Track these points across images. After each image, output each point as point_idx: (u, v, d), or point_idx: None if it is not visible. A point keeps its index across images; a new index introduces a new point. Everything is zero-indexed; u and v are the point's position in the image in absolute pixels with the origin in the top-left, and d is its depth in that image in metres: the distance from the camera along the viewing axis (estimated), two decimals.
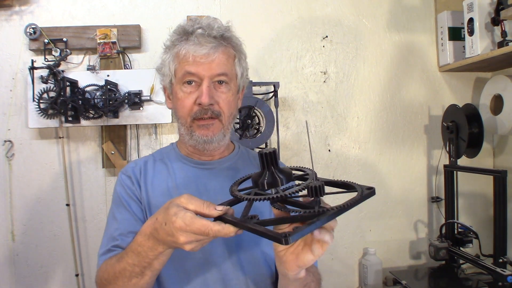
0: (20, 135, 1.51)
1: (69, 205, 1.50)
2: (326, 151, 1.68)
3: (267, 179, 0.60)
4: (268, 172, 0.60)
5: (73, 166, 1.53)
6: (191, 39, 0.85)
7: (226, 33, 0.88)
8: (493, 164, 1.77)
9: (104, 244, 0.84)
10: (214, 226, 0.61)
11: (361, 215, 1.70)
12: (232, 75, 0.89)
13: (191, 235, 0.62)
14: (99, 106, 1.42)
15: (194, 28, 0.86)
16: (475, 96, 1.75)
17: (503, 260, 1.34)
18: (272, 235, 0.55)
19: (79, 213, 1.53)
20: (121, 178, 0.92)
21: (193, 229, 0.61)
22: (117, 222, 0.86)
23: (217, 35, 0.86)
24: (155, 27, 1.56)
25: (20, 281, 1.50)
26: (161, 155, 0.98)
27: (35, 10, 1.51)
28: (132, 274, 0.72)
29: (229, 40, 0.89)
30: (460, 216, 1.65)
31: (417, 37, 1.73)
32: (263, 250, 0.89)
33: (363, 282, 1.65)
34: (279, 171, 0.61)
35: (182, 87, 0.86)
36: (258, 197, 0.59)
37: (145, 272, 0.71)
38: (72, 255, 1.49)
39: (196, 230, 0.61)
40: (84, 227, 1.53)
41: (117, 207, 0.89)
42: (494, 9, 1.45)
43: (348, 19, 1.69)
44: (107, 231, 0.87)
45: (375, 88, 1.71)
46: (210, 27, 0.86)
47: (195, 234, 0.62)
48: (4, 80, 1.50)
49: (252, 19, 1.62)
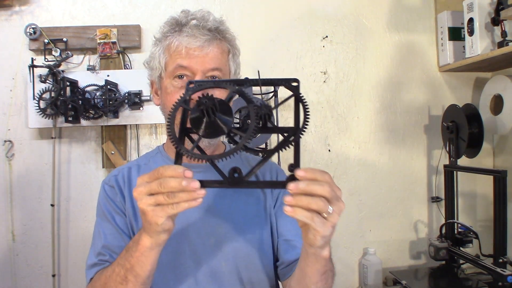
0: (20, 135, 1.51)
1: (53, 205, 1.49)
2: (326, 151, 1.68)
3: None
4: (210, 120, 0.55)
5: (73, 166, 1.53)
6: (185, 30, 0.81)
7: (221, 26, 0.84)
8: (493, 164, 1.77)
9: (91, 257, 0.84)
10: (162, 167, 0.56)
11: (361, 215, 1.70)
12: (226, 70, 0.85)
13: (145, 187, 0.57)
14: (99, 106, 1.42)
15: (188, 19, 0.82)
16: (475, 96, 1.75)
17: (503, 260, 1.34)
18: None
19: (79, 213, 1.53)
20: (104, 189, 0.89)
21: (144, 178, 0.58)
22: (101, 236, 0.84)
23: (212, 27, 0.82)
24: (155, 27, 1.53)
25: (20, 281, 1.50)
26: (147, 159, 0.93)
27: (35, 10, 1.51)
28: (117, 279, 0.69)
29: (224, 33, 0.85)
30: (460, 216, 1.65)
31: (417, 37, 1.73)
32: (252, 237, 0.87)
33: (363, 282, 1.65)
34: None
35: (173, 81, 0.82)
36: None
37: (128, 277, 0.68)
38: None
39: (146, 177, 0.57)
40: (85, 226, 1.53)
41: (102, 220, 0.87)
42: (494, 9, 1.45)
43: (348, 19, 1.69)
44: (93, 245, 0.85)
45: (375, 88, 1.71)
46: (204, 19, 0.82)
47: (148, 183, 0.57)
48: (4, 80, 1.50)
49: (252, 19, 1.62)
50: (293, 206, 0.54)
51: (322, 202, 0.53)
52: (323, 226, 0.55)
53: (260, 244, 0.88)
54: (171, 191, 0.54)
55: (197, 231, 0.85)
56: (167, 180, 0.54)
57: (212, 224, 0.85)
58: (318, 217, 0.54)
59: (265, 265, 0.88)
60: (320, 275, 0.70)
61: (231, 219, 0.87)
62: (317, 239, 0.58)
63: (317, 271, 0.69)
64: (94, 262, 0.82)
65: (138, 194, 0.58)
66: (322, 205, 0.53)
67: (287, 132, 0.60)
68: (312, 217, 0.54)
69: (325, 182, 0.54)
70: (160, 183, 0.55)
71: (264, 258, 0.88)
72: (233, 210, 0.88)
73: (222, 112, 0.55)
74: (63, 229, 1.52)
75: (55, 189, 1.51)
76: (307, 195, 0.53)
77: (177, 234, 0.84)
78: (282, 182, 0.55)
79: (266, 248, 0.89)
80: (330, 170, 1.67)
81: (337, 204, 0.55)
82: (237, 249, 0.85)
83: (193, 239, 0.84)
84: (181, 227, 0.84)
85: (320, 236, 0.57)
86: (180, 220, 0.84)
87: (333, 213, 0.55)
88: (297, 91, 0.60)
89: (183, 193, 0.54)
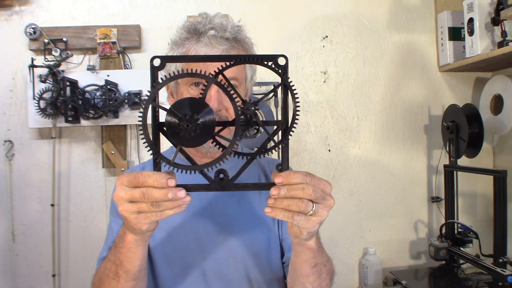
0: (20, 135, 1.51)
1: (53, 205, 1.49)
2: (326, 151, 1.68)
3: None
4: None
5: (73, 166, 1.53)
6: (202, 40, 0.81)
7: (238, 34, 0.85)
8: (493, 164, 1.77)
9: (102, 251, 0.85)
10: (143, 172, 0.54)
11: (361, 215, 1.70)
12: (242, 78, 0.86)
13: (126, 194, 0.55)
14: (99, 106, 1.42)
15: (206, 28, 0.82)
16: (475, 96, 1.75)
17: (503, 260, 1.34)
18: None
19: (79, 213, 1.53)
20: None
21: (123, 181, 0.55)
22: (113, 232, 0.85)
23: (230, 37, 0.82)
24: (155, 27, 1.56)
25: (20, 281, 1.50)
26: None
27: (35, 10, 1.51)
28: (110, 274, 0.70)
29: (242, 42, 0.86)
30: (460, 216, 1.65)
31: (417, 37, 1.73)
32: (260, 235, 0.87)
33: (363, 282, 1.65)
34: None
35: (189, 88, 0.82)
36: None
37: (119, 272, 0.68)
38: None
39: (126, 181, 0.55)
40: (85, 226, 1.53)
41: (114, 217, 0.88)
42: (494, 9, 1.45)
43: (348, 19, 1.69)
44: (106, 241, 0.87)
45: (375, 88, 1.71)
46: (223, 27, 0.82)
47: (128, 187, 0.55)
48: (4, 80, 1.50)
49: (252, 19, 1.62)
50: (273, 208, 0.55)
51: (303, 204, 0.54)
52: (307, 223, 0.56)
53: (268, 242, 0.89)
54: (155, 201, 0.53)
55: (205, 229, 0.85)
56: (151, 191, 0.52)
57: (220, 222, 0.86)
58: (300, 215, 0.55)
59: (273, 263, 0.89)
60: (310, 268, 0.70)
61: (239, 217, 0.88)
62: (302, 233, 0.60)
63: (305, 263, 0.69)
64: (103, 256, 0.83)
65: (118, 200, 0.56)
66: (303, 206, 0.54)
67: (277, 125, 0.55)
68: (292, 216, 0.55)
69: (307, 184, 0.54)
70: (143, 193, 0.53)
71: (272, 257, 0.89)
72: (241, 208, 0.88)
73: (200, 113, 0.49)
74: (63, 229, 1.52)
75: (55, 189, 1.51)
76: (288, 198, 0.54)
77: (185, 231, 0.85)
78: (269, 184, 0.55)
79: (274, 246, 0.89)
80: (330, 170, 1.67)
81: (323, 202, 0.56)
82: (245, 247, 0.86)
83: (202, 236, 0.85)
84: (190, 225, 0.85)
85: (305, 231, 0.59)
86: (188, 216, 0.85)
87: (318, 210, 0.56)
88: (285, 74, 0.53)
89: (168, 201, 0.53)
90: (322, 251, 0.72)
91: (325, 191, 0.56)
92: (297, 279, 0.74)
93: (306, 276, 0.72)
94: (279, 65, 0.54)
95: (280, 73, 0.54)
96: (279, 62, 0.54)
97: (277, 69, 0.54)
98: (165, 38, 0.91)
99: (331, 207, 0.57)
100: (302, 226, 0.57)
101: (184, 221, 0.86)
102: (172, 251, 0.72)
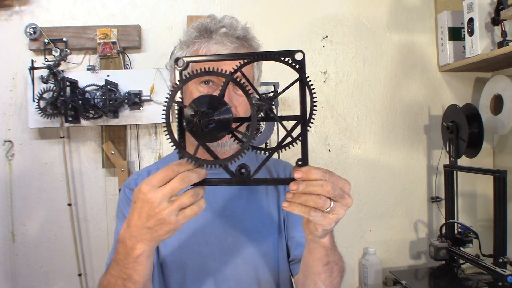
0: (20, 135, 1.51)
1: (70, 204, 1.50)
2: (326, 151, 1.68)
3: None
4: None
5: (73, 166, 1.53)
6: (214, 37, 0.82)
7: (248, 34, 0.86)
8: (493, 164, 1.77)
9: (110, 256, 0.84)
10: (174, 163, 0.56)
11: (361, 215, 1.70)
12: (251, 78, 0.87)
13: (168, 189, 0.55)
14: (99, 106, 1.42)
15: (217, 26, 0.83)
16: (475, 96, 1.75)
17: (503, 260, 1.34)
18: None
19: (79, 213, 1.53)
20: (125, 192, 0.90)
21: (152, 182, 0.56)
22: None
23: (240, 35, 0.84)
24: (155, 27, 1.56)
25: (20, 281, 1.50)
26: (165, 163, 0.94)
27: (35, 10, 1.51)
28: (116, 287, 0.69)
29: (251, 42, 0.87)
30: (460, 216, 1.65)
31: (417, 37, 1.73)
32: (268, 237, 0.87)
33: (363, 282, 1.65)
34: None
35: (199, 86, 0.82)
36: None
37: (127, 285, 0.67)
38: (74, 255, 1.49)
39: (156, 181, 0.56)
40: (85, 227, 1.53)
41: (121, 222, 0.87)
42: (494, 9, 1.45)
43: (348, 19, 1.69)
44: (113, 245, 0.86)
45: (375, 88, 1.71)
46: (233, 27, 0.84)
47: (161, 186, 0.55)
48: (4, 80, 1.50)
49: (252, 20, 1.62)
50: (290, 202, 0.55)
51: (320, 200, 0.54)
52: (324, 220, 0.56)
53: (276, 243, 0.89)
54: (191, 182, 0.55)
55: (214, 231, 0.86)
56: (189, 174, 0.54)
57: (229, 224, 0.86)
58: (317, 211, 0.55)
59: (281, 264, 0.89)
60: (322, 266, 0.70)
61: (248, 219, 0.88)
62: (317, 230, 0.60)
63: (318, 261, 0.69)
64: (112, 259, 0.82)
65: (159, 202, 0.55)
66: (321, 203, 0.54)
67: (295, 120, 0.56)
68: (309, 211, 0.55)
69: (326, 181, 0.54)
70: (182, 179, 0.54)
71: (280, 257, 0.89)
72: (249, 211, 0.89)
73: (218, 110, 0.51)
74: (64, 228, 1.52)
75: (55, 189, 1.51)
76: (307, 193, 0.54)
77: (195, 234, 0.85)
78: (289, 179, 0.55)
79: (282, 247, 0.89)
80: (330, 170, 1.67)
81: (341, 200, 0.56)
82: (255, 248, 0.86)
83: (211, 238, 0.85)
84: (200, 228, 0.85)
85: (321, 228, 0.59)
86: (198, 220, 0.85)
87: (336, 208, 0.56)
88: (302, 69, 0.54)
89: (201, 189, 0.56)
90: (335, 250, 0.73)
91: (343, 189, 0.57)
92: (308, 276, 0.74)
93: (318, 274, 0.72)
94: (296, 60, 0.54)
95: (298, 69, 0.54)
96: (296, 57, 0.54)
97: (294, 64, 0.54)
98: (165, 38, 0.92)
99: (348, 206, 0.57)
100: (318, 222, 0.57)
101: (194, 225, 0.85)
102: (182, 254, 0.72)
